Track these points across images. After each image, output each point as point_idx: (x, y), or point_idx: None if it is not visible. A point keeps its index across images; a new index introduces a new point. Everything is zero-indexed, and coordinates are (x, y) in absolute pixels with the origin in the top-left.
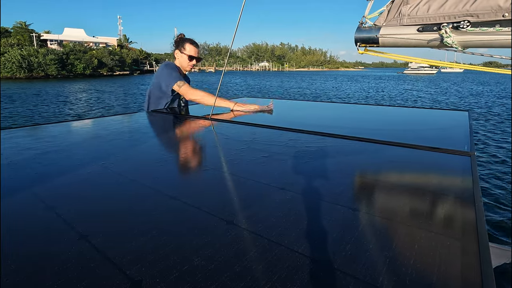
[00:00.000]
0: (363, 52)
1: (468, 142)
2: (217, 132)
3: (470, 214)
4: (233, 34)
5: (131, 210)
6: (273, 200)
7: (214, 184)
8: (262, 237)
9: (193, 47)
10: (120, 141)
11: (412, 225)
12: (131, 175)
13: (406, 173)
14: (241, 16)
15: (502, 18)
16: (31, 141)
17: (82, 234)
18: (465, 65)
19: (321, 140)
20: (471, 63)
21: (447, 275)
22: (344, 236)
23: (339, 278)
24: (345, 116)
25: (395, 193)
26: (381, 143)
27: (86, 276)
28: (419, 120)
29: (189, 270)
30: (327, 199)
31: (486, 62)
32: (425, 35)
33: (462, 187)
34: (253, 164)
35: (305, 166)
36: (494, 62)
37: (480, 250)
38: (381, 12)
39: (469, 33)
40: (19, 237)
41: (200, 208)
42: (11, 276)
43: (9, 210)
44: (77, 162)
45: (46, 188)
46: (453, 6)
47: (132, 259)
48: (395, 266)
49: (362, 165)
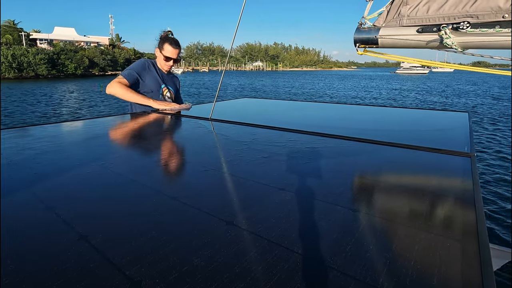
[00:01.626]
0: (362, 53)
1: (468, 143)
2: (217, 133)
3: (470, 215)
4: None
5: (131, 210)
6: (273, 200)
7: (214, 184)
8: (262, 238)
9: (171, 48)
10: (119, 141)
11: (412, 226)
12: (130, 175)
13: (406, 174)
14: (241, 17)
15: (502, 19)
16: (31, 141)
17: (82, 235)
18: (465, 65)
19: (321, 141)
20: (460, 63)
21: (448, 276)
22: (344, 237)
23: (339, 279)
24: (345, 117)
25: (395, 194)
26: (381, 144)
27: (85, 277)
28: (419, 121)
29: (188, 271)
30: (327, 200)
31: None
32: (424, 36)
33: (462, 188)
34: (252, 164)
35: (305, 167)
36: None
37: (480, 251)
38: (381, 13)
39: (469, 34)
40: (18, 237)
41: (199, 208)
42: (11, 276)
43: (9, 210)
44: (76, 162)
45: (45, 188)
46: (453, 7)
47: (131, 259)
48: (395, 267)
49: (362, 166)
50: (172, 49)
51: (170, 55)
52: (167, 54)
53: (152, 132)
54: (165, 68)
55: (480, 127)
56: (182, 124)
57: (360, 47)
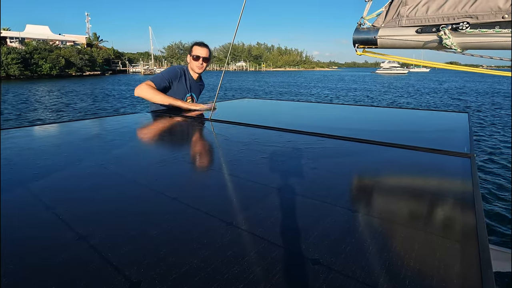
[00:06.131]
0: (361, 53)
1: (468, 144)
2: (217, 133)
3: (470, 216)
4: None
5: (131, 210)
6: (272, 201)
7: (214, 185)
8: (261, 238)
9: (197, 47)
10: (120, 141)
11: (412, 227)
12: (130, 175)
13: (405, 175)
14: (241, 17)
15: (502, 19)
16: (31, 141)
17: (81, 235)
18: (465, 66)
19: (320, 141)
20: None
21: (447, 277)
22: (343, 238)
23: (338, 279)
24: (344, 117)
25: (395, 194)
26: (381, 145)
27: (85, 277)
28: (418, 122)
29: (188, 271)
30: (327, 201)
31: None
32: (423, 36)
33: (462, 189)
34: (252, 164)
35: (304, 167)
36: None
37: (480, 252)
38: (380, 13)
39: (468, 35)
40: (18, 237)
41: (199, 209)
42: (10, 276)
43: (9, 210)
44: (76, 162)
45: (45, 188)
46: (452, 7)
47: (131, 260)
48: (394, 268)
49: (362, 167)
50: (199, 47)
51: (199, 54)
52: (196, 53)
53: (152, 132)
54: (196, 70)
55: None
56: (182, 125)
57: (359, 47)
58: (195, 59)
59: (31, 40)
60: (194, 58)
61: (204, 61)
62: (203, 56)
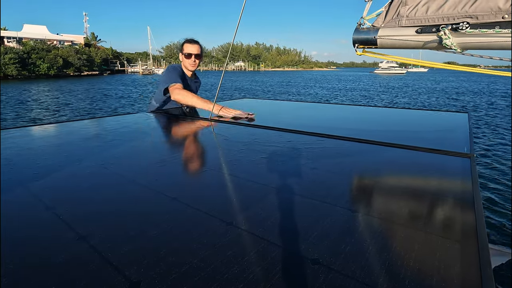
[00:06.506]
0: (361, 53)
1: (468, 144)
2: (217, 133)
3: (470, 215)
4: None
5: (131, 210)
6: (272, 201)
7: (214, 185)
8: (261, 238)
9: (188, 44)
10: (120, 141)
11: (411, 226)
12: (130, 175)
13: (405, 175)
14: (241, 17)
15: (502, 19)
16: (31, 141)
17: (81, 235)
18: (464, 66)
19: (320, 142)
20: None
21: (447, 276)
22: (343, 238)
23: (338, 279)
24: (343, 117)
25: (395, 194)
26: (381, 145)
27: (85, 277)
28: (418, 122)
29: (188, 271)
30: (327, 201)
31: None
32: (423, 36)
33: (461, 189)
34: (252, 165)
35: (304, 167)
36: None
37: (479, 251)
38: (379, 13)
39: (468, 35)
40: (18, 237)
41: (199, 209)
42: (10, 276)
43: (9, 210)
44: (76, 162)
45: (45, 188)
46: (452, 8)
47: (131, 260)
48: (394, 267)
49: (362, 167)
50: (190, 44)
51: (191, 51)
52: (187, 51)
53: (152, 132)
54: (190, 68)
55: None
56: (182, 125)
57: (359, 47)
58: (187, 57)
59: (29, 40)
60: (186, 56)
61: (197, 58)
62: (195, 53)
